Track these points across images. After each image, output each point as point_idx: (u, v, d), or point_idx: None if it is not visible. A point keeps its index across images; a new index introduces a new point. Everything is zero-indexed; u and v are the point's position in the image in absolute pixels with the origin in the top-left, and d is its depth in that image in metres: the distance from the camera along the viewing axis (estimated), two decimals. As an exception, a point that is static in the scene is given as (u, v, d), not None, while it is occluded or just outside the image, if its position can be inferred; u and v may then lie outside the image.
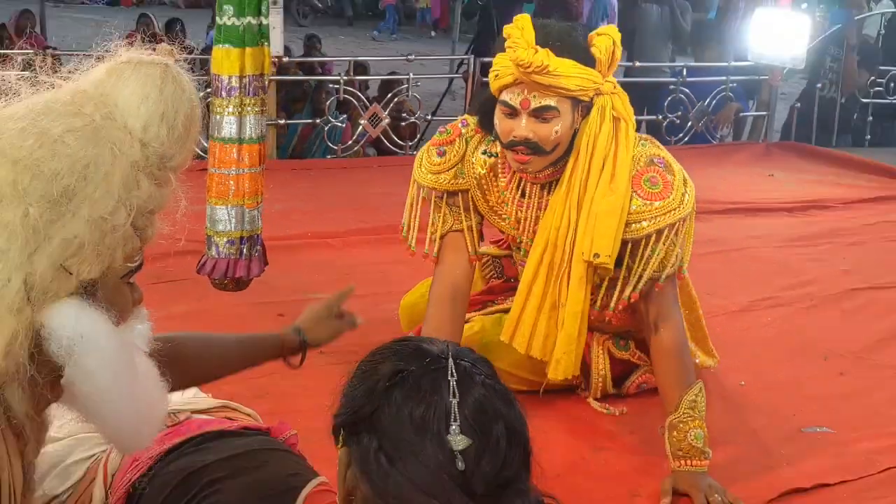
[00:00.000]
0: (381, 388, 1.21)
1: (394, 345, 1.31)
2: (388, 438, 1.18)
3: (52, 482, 2.02)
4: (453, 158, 2.60)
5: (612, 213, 2.37)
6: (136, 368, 1.32)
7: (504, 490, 1.17)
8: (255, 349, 1.92)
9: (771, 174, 6.01)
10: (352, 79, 6.02)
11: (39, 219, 1.17)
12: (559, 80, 2.27)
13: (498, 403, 1.21)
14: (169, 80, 1.32)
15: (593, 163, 2.39)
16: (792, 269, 4.25)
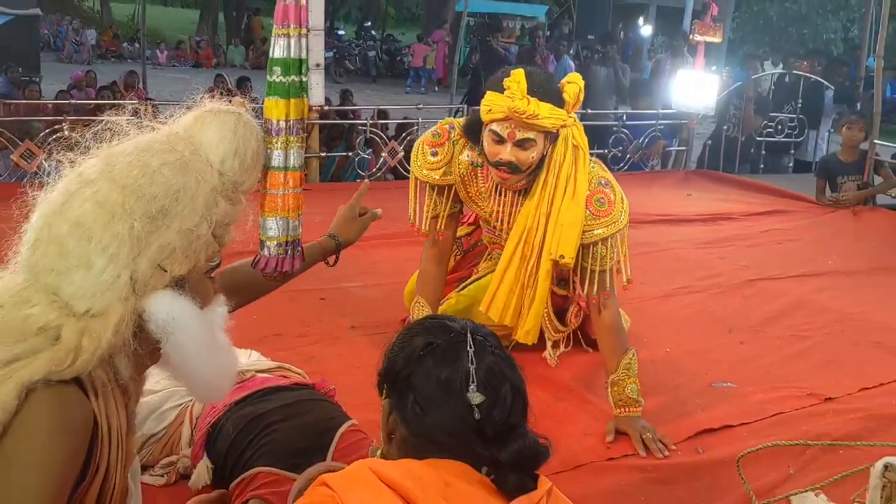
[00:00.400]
0: (416, 355, 1.22)
1: (425, 321, 1.33)
2: (421, 394, 1.20)
3: (150, 424, 2.03)
4: (444, 159, 2.58)
5: (575, 224, 2.39)
6: (215, 341, 1.32)
7: (509, 433, 1.19)
8: None
9: (689, 194, 6.00)
10: (376, 122, 6.01)
11: (142, 231, 1.18)
12: (540, 121, 2.28)
13: (505, 368, 1.24)
14: (241, 125, 1.33)
15: (559, 182, 2.40)
16: (704, 265, 4.25)
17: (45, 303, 1.16)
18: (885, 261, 4.52)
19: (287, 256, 1.66)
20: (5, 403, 1.08)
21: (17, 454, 1.09)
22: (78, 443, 1.13)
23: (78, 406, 1.14)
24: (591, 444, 2.36)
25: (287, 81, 1.61)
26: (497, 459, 1.17)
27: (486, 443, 1.18)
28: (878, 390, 2.85)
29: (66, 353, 1.12)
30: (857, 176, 5.75)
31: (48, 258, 1.18)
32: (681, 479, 2.21)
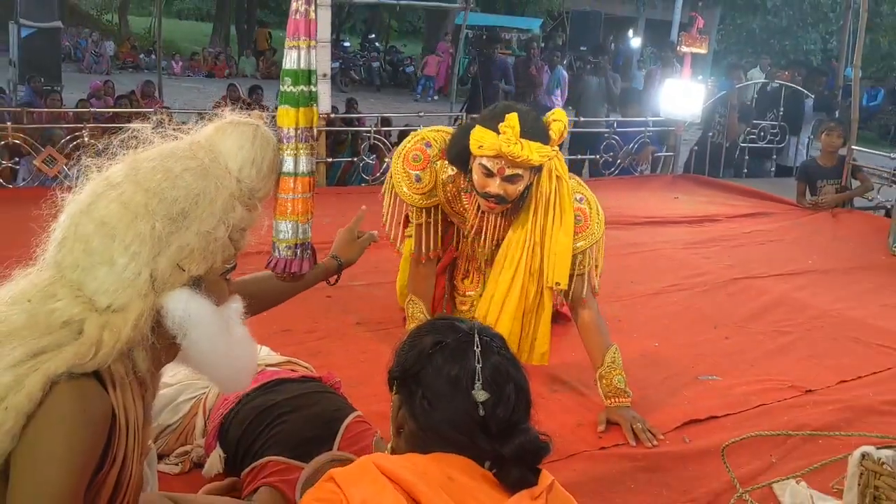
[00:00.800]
0: (426, 353, 1.22)
1: (435, 322, 1.33)
2: (430, 389, 1.20)
3: (166, 415, 2.03)
4: (429, 184, 2.58)
5: (566, 252, 2.42)
6: (231, 336, 1.32)
7: (512, 430, 1.19)
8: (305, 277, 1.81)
9: (676, 197, 5.99)
10: (379, 129, 6.01)
11: (163, 231, 1.19)
12: (528, 159, 2.27)
13: (510, 368, 1.24)
14: (258, 136, 1.34)
15: (547, 211, 2.41)
16: (691, 264, 4.24)
17: (69, 297, 1.17)
18: (862, 260, 4.52)
19: (296, 258, 1.66)
20: (32, 394, 1.09)
21: (40, 445, 1.09)
22: (97, 434, 1.14)
23: (98, 399, 1.14)
24: (584, 434, 2.36)
25: (297, 91, 1.61)
26: (500, 454, 1.17)
27: (489, 438, 1.17)
28: (855, 383, 2.85)
29: (88, 346, 1.13)
30: (836, 180, 5.75)
31: (74, 255, 1.18)
32: (668, 468, 2.21)
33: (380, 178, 5.84)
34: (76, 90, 10.62)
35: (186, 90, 15.07)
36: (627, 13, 19.15)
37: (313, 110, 1.63)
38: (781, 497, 2.09)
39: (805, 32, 18.25)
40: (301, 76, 1.63)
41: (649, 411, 2.50)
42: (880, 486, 1.68)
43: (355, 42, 22.19)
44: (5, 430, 1.09)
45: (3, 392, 1.09)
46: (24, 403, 1.09)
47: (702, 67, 9.94)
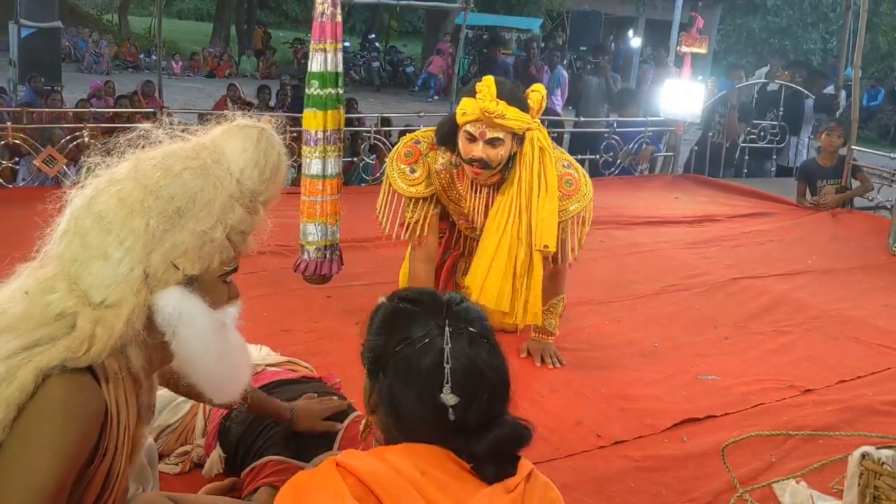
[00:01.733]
0: (391, 347, 1.16)
1: (409, 297, 1.24)
2: (398, 386, 1.14)
3: (165, 415, 2.03)
4: (423, 174, 2.69)
5: (552, 216, 2.55)
6: (224, 340, 1.30)
7: (488, 426, 1.13)
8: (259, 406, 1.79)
9: (676, 197, 6.00)
10: (379, 129, 6.01)
11: (157, 228, 1.18)
12: (507, 122, 2.43)
13: (483, 363, 1.15)
14: (263, 139, 1.32)
15: (532, 178, 2.54)
16: (690, 264, 4.24)
17: (65, 290, 1.17)
18: (862, 260, 4.53)
19: (326, 260, 1.67)
20: (24, 385, 1.10)
21: (32, 437, 1.10)
22: (89, 428, 1.14)
23: (92, 393, 1.15)
24: (584, 434, 2.36)
25: (324, 94, 1.62)
26: (474, 451, 1.12)
27: (464, 437, 1.12)
28: (855, 383, 2.86)
29: (81, 341, 1.13)
30: (836, 180, 5.76)
31: (72, 248, 1.19)
32: (668, 467, 2.22)
33: (380, 177, 5.83)
34: (76, 90, 10.62)
35: (186, 90, 15.07)
36: (627, 13, 19.13)
37: (341, 112, 1.64)
38: (781, 497, 2.09)
39: (805, 32, 18.25)
40: (328, 79, 1.64)
41: (649, 410, 2.50)
42: (880, 486, 1.68)
43: (355, 42, 22.17)
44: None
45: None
46: (16, 395, 1.09)
47: (702, 67, 9.93)
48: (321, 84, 1.54)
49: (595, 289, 3.69)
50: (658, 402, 2.58)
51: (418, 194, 2.68)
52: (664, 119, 6.54)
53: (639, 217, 5.14)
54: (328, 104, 1.56)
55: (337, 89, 1.56)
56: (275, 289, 3.23)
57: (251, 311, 1.56)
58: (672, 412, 2.51)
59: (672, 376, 2.81)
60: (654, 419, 2.44)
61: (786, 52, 17.27)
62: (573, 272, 3.25)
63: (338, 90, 1.56)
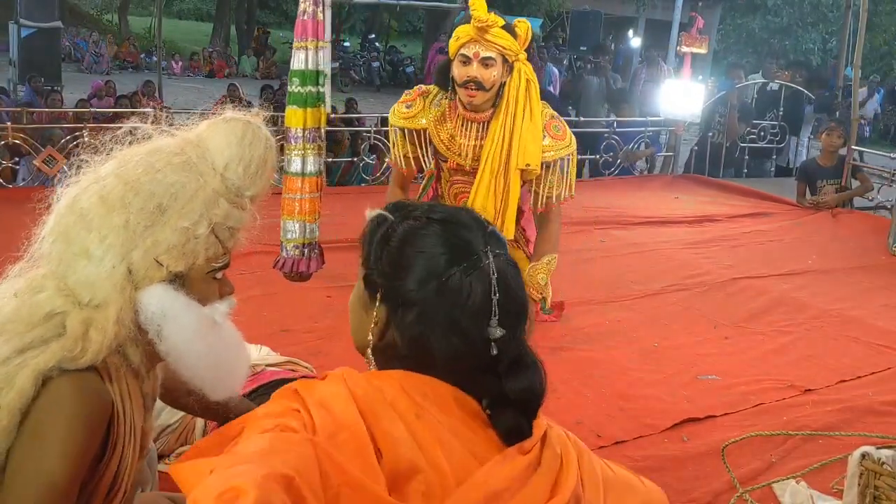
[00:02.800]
0: (432, 285, 0.99)
1: (441, 228, 1.04)
2: (430, 321, 0.99)
3: (165, 415, 2.02)
4: (417, 110, 2.78)
5: (536, 139, 2.64)
6: (214, 336, 1.27)
7: (520, 364, 1.01)
8: None
9: (676, 197, 6.00)
10: (379, 129, 6.00)
11: (137, 225, 1.18)
12: (497, 40, 2.53)
13: (523, 296, 1.04)
14: (248, 133, 1.30)
15: (517, 107, 2.62)
16: (691, 264, 4.24)
17: (53, 289, 1.17)
18: (862, 260, 4.53)
19: (304, 258, 1.67)
20: (22, 390, 1.10)
21: (41, 437, 1.10)
22: (97, 427, 1.14)
23: (98, 391, 1.15)
24: (583, 433, 2.36)
25: (304, 92, 1.62)
26: (503, 394, 1.00)
27: (495, 376, 1.00)
28: (855, 383, 2.86)
29: (74, 341, 1.13)
30: (836, 180, 5.76)
31: (57, 247, 1.19)
32: (668, 467, 2.22)
33: (380, 178, 5.84)
34: (76, 90, 10.62)
35: (186, 90, 15.06)
36: (627, 13, 19.12)
37: (321, 111, 1.64)
38: (781, 497, 2.09)
39: (805, 32, 18.23)
40: (309, 77, 1.64)
41: (650, 409, 2.50)
42: (880, 486, 1.68)
43: (355, 42, 22.16)
44: (0, 428, 1.10)
45: None
46: (16, 400, 1.10)
47: (702, 67, 9.93)
48: (301, 82, 1.55)
49: (595, 289, 3.69)
50: (658, 402, 2.58)
51: (409, 125, 2.79)
52: (664, 119, 6.54)
53: (639, 217, 5.15)
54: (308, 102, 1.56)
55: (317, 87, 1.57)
56: (275, 289, 3.23)
57: (251, 311, 1.56)
58: (672, 412, 2.51)
59: (672, 376, 2.81)
60: (654, 419, 2.44)
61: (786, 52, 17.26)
62: (573, 272, 3.25)
63: (318, 88, 1.56)
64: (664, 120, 6.56)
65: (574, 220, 4.81)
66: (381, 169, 5.89)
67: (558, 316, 3.26)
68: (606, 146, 6.50)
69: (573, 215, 4.90)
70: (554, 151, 2.67)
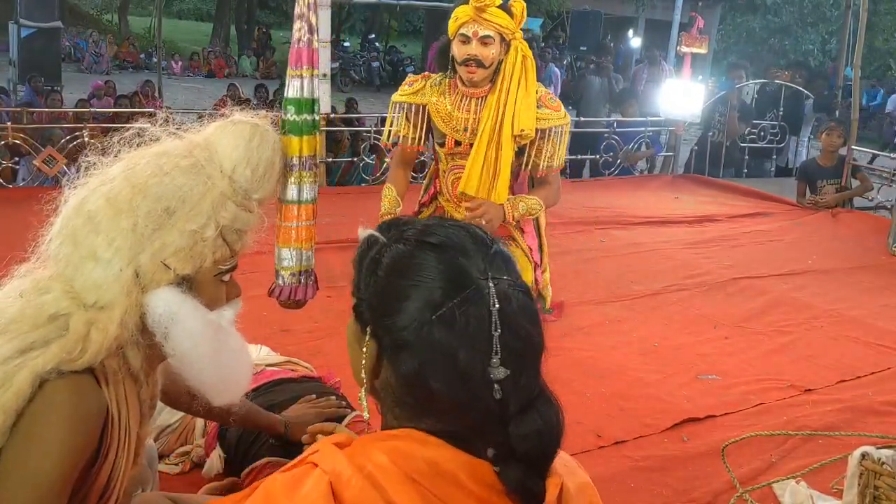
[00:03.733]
0: (425, 321, 0.88)
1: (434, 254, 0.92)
2: (427, 363, 0.89)
3: (165, 416, 2.03)
4: (418, 87, 2.89)
5: (530, 108, 2.74)
6: (220, 341, 1.27)
7: (530, 406, 0.90)
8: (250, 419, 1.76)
9: (676, 197, 6.00)
10: (379, 129, 6.00)
11: (145, 227, 1.17)
12: (495, 19, 2.64)
13: (529, 327, 0.91)
14: (256, 136, 1.31)
15: (513, 81, 2.72)
16: (691, 264, 4.24)
17: (59, 291, 1.17)
18: (862, 260, 4.53)
19: (300, 285, 1.66)
20: (20, 390, 1.09)
21: (33, 440, 1.10)
22: (91, 430, 1.14)
23: (93, 395, 1.14)
24: (583, 433, 2.36)
25: (300, 120, 1.61)
26: (508, 444, 0.88)
27: (500, 423, 0.88)
28: (854, 382, 2.86)
29: (74, 342, 1.12)
30: (836, 180, 5.76)
31: (65, 249, 1.19)
32: (668, 467, 2.21)
33: (380, 178, 5.84)
34: (76, 90, 10.62)
35: (186, 90, 15.07)
36: (627, 13, 19.13)
37: (316, 139, 1.64)
38: (781, 497, 2.09)
39: (805, 32, 18.24)
40: (304, 105, 1.63)
41: (649, 409, 2.50)
42: (880, 486, 1.68)
43: (355, 42, 22.16)
44: None
45: None
46: (12, 400, 1.09)
47: (702, 67, 9.93)
48: (297, 110, 1.55)
49: (595, 289, 3.69)
50: (658, 402, 2.58)
51: (409, 100, 2.89)
52: (664, 119, 6.54)
53: (639, 217, 5.14)
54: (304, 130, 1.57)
55: (313, 115, 1.58)
56: (275, 289, 3.23)
57: (251, 311, 1.55)
58: (672, 412, 2.51)
59: (672, 376, 2.81)
60: (654, 419, 2.44)
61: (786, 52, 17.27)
62: (573, 272, 3.25)
63: (313, 116, 1.57)
64: (664, 120, 6.56)
65: (574, 220, 4.81)
66: (381, 169, 5.89)
67: (558, 315, 3.26)
68: (606, 146, 6.50)
69: (573, 215, 4.91)
70: (549, 120, 2.78)
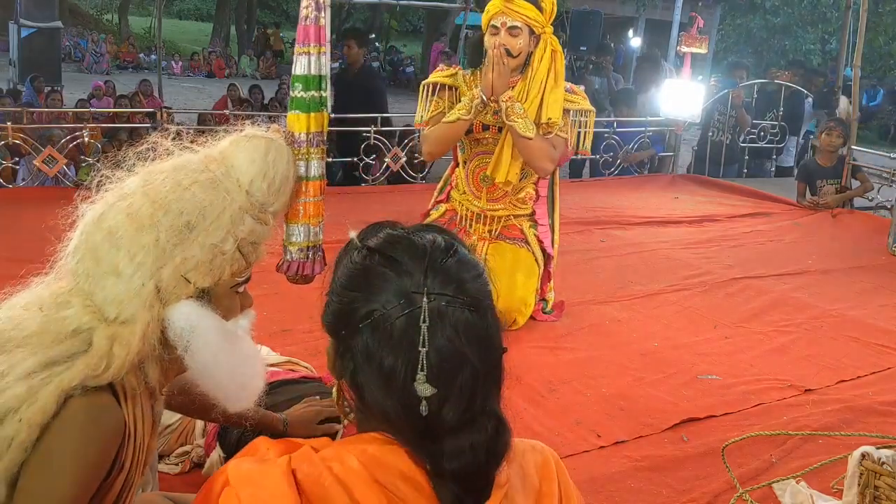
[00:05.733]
0: (355, 321, 0.93)
1: (377, 260, 0.95)
2: (361, 369, 0.93)
3: (165, 416, 2.02)
4: (451, 71, 3.05)
5: (559, 100, 2.90)
6: (237, 351, 1.30)
7: (463, 427, 0.90)
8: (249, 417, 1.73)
9: (676, 197, 5.99)
10: (379, 129, 6.00)
11: (167, 243, 1.19)
12: (522, 10, 2.80)
13: (466, 345, 0.90)
14: (271, 150, 1.33)
15: (540, 71, 2.86)
16: (691, 264, 4.24)
17: (80, 306, 1.18)
18: (862, 260, 4.52)
19: (308, 261, 1.67)
20: (45, 406, 1.10)
21: (54, 456, 1.11)
22: (108, 448, 1.15)
23: (112, 413, 1.15)
24: (583, 433, 2.36)
25: (307, 97, 1.62)
26: (438, 462, 0.89)
27: (432, 440, 0.89)
28: (854, 382, 2.86)
29: (99, 358, 1.14)
30: (836, 180, 5.75)
31: (85, 264, 1.20)
32: (668, 467, 2.21)
33: (380, 178, 5.83)
34: (76, 90, 10.62)
35: (186, 90, 15.07)
36: (627, 13, 19.13)
37: (323, 115, 1.64)
38: (781, 497, 2.09)
39: (805, 32, 18.23)
40: (311, 81, 1.64)
41: (649, 410, 2.50)
42: (880, 486, 1.68)
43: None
44: (19, 442, 1.10)
45: (16, 403, 1.11)
46: (38, 416, 1.10)
47: (702, 67, 9.92)
48: (305, 87, 1.56)
49: (595, 289, 3.68)
50: (658, 402, 2.58)
51: (442, 81, 3.02)
52: (664, 119, 6.53)
53: (639, 217, 5.14)
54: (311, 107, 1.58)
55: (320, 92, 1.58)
56: (275, 289, 3.22)
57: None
58: (672, 412, 2.51)
59: (672, 376, 2.80)
60: (654, 419, 2.44)
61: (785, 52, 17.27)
62: (574, 272, 3.25)
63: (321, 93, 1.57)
64: (664, 120, 6.55)
65: (574, 220, 4.81)
66: (381, 169, 5.88)
67: (558, 316, 3.26)
68: (606, 146, 6.49)
69: (573, 215, 4.90)
70: (575, 102, 2.94)
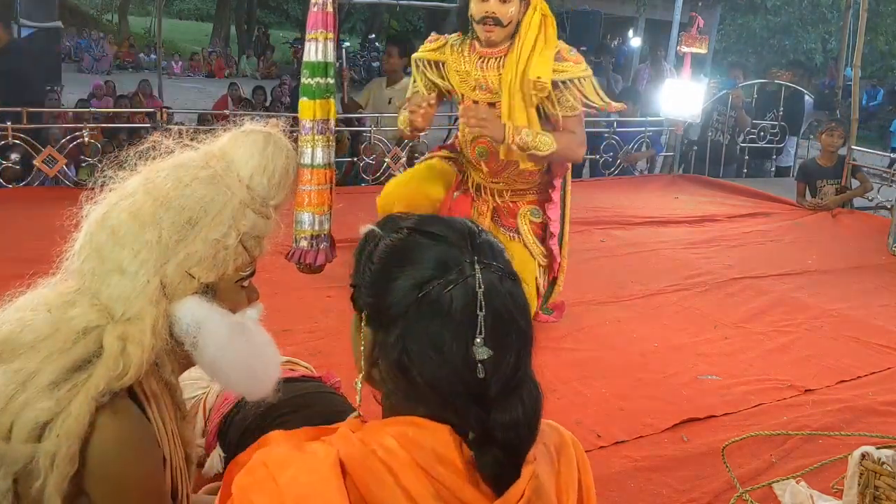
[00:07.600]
0: (411, 299, 0.94)
1: (421, 237, 0.98)
2: (415, 339, 0.93)
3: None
4: (438, 45, 2.93)
5: (548, 58, 2.77)
6: (247, 342, 1.31)
7: (512, 391, 0.94)
8: None
9: (676, 197, 6.00)
10: (379, 129, 6.00)
11: (170, 239, 1.20)
12: None
13: (514, 310, 0.96)
14: (270, 144, 1.33)
15: (529, 37, 2.76)
16: (691, 264, 4.24)
17: (87, 305, 1.19)
18: (862, 260, 4.53)
19: (311, 249, 1.67)
20: (80, 416, 1.11)
21: (114, 485, 1.14)
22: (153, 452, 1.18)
23: (137, 420, 1.17)
24: (583, 434, 2.36)
25: (314, 83, 1.63)
26: (489, 428, 0.92)
27: (482, 406, 0.92)
28: (854, 383, 2.86)
29: (115, 360, 1.14)
30: (836, 180, 5.76)
31: (89, 264, 1.21)
32: (668, 467, 2.21)
33: (379, 177, 5.84)
34: (76, 90, 10.62)
35: (186, 90, 15.07)
36: (627, 13, 19.12)
37: (329, 102, 1.65)
38: (781, 497, 2.09)
39: (805, 32, 18.23)
40: (318, 68, 1.65)
41: (650, 410, 2.50)
42: (880, 486, 1.68)
43: (355, 42, 22.18)
44: (62, 455, 1.11)
45: (48, 417, 1.11)
46: (74, 426, 1.11)
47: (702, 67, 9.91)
48: (311, 73, 1.56)
49: (595, 289, 3.69)
50: (658, 402, 2.58)
51: (430, 56, 2.93)
52: (664, 119, 6.53)
53: (639, 217, 5.14)
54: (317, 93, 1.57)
55: (326, 79, 1.57)
56: (275, 289, 3.23)
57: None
58: (672, 412, 2.51)
59: (672, 376, 2.81)
60: (654, 419, 2.44)
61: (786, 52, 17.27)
62: (574, 272, 3.25)
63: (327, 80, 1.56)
64: (664, 120, 6.55)
65: (574, 220, 4.78)
66: (381, 169, 5.89)
67: (558, 316, 3.26)
68: (606, 146, 6.49)
69: (573, 215, 4.86)
70: (567, 72, 2.77)
